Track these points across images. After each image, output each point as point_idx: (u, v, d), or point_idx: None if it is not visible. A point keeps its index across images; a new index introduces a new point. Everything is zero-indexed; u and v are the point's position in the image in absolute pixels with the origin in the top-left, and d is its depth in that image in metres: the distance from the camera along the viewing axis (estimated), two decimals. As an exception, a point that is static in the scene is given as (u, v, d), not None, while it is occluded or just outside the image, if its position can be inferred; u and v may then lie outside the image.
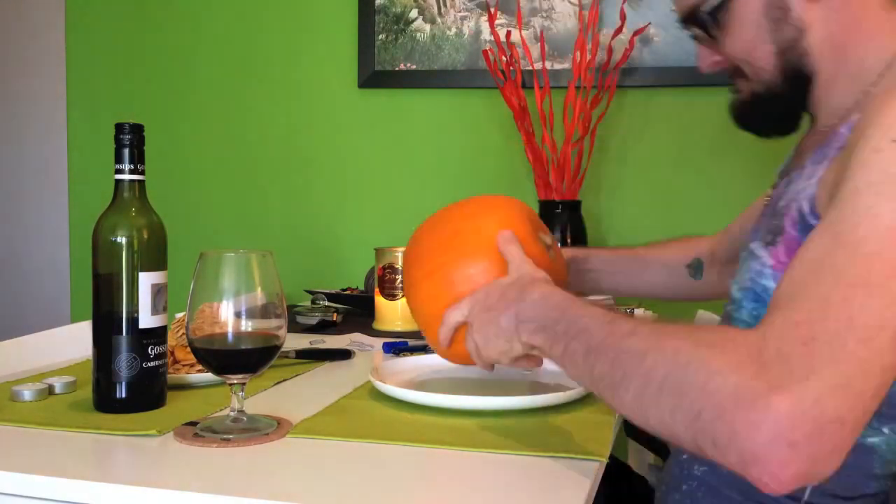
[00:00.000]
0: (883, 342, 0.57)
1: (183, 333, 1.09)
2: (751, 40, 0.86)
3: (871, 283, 0.59)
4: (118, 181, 0.90)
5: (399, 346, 1.29)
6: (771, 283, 0.81)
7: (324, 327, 1.50)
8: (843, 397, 0.55)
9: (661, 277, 1.21)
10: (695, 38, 0.92)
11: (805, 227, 0.77)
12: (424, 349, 1.23)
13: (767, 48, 0.86)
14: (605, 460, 0.76)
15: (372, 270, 1.65)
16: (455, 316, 0.87)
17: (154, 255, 0.90)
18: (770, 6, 0.84)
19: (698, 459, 0.89)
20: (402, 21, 1.97)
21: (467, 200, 1.00)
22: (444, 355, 0.96)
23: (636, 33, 1.78)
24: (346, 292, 1.76)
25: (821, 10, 0.82)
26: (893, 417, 0.78)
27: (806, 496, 0.81)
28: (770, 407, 0.54)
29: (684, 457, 0.92)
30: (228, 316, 0.81)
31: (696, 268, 1.19)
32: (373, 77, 1.99)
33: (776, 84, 0.87)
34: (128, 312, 0.89)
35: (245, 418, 0.84)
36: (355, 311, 1.67)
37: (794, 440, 0.54)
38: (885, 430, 0.79)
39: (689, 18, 0.90)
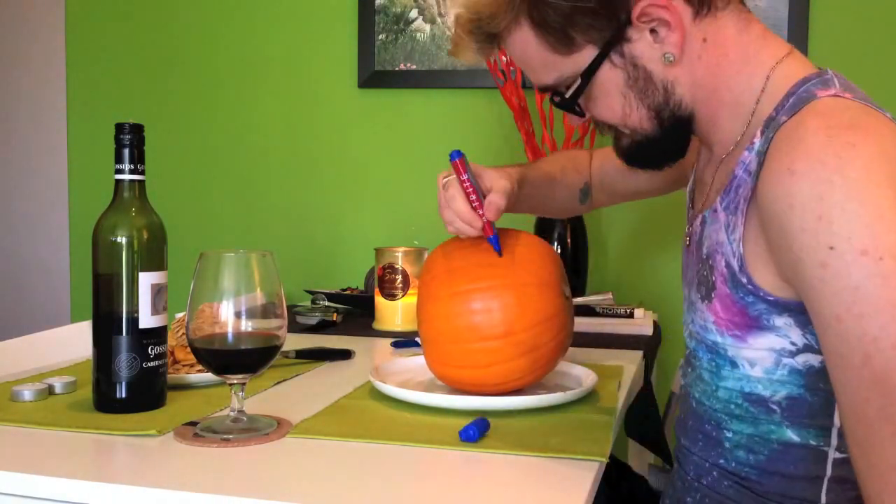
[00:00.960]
0: None
1: (183, 333, 1.09)
2: (620, 110, 0.86)
3: None
4: (118, 181, 0.90)
5: (408, 343, 1.30)
6: (718, 338, 0.84)
7: (324, 327, 1.50)
8: None
9: (563, 199, 1.23)
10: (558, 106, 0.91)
11: (735, 284, 0.79)
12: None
13: (641, 113, 0.85)
14: (605, 460, 0.76)
15: (372, 270, 1.65)
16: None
17: (154, 255, 0.90)
18: (631, 78, 0.83)
19: (703, 472, 0.89)
20: (402, 21, 1.97)
21: (515, 234, 1.01)
22: (439, 375, 0.98)
23: (636, 33, 1.78)
24: (346, 292, 1.76)
25: (682, 66, 0.82)
26: None
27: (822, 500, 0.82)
28: None
29: (690, 473, 0.92)
30: (228, 316, 0.81)
31: (585, 193, 1.24)
32: (373, 77, 1.99)
33: (656, 133, 0.87)
34: (128, 312, 0.89)
35: (245, 418, 0.84)
36: (355, 311, 1.67)
37: None
38: None
39: (551, 98, 0.90)
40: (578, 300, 1.53)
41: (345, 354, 1.22)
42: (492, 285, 0.93)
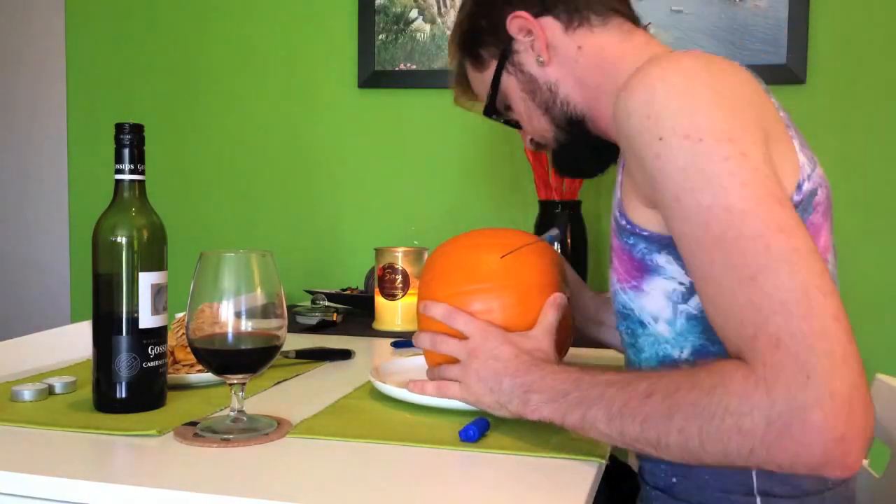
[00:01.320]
0: (817, 299, 0.64)
1: (183, 333, 1.09)
2: (525, 113, 1.02)
3: (762, 265, 0.66)
4: (118, 181, 0.90)
5: (408, 343, 1.30)
6: (623, 298, 0.89)
7: (324, 327, 1.50)
8: (839, 368, 0.62)
9: None
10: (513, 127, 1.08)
11: (620, 230, 0.86)
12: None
13: (538, 113, 1.01)
14: (604, 461, 0.77)
15: (372, 270, 1.65)
16: (451, 347, 0.91)
17: (154, 255, 0.90)
18: (521, 82, 1.00)
19: (653, 474, 0.92)
20: (402, 21, 1.97)
21: (515, 234, 1.00)
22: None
23: (636, 33, 1.78)
24: (346, 292, 1.76)
25: (557, 68, 0.97)
26: None
27: (755, 484, 0.84)
28: (806, 425, 0.61)
29: (645, 474, 0.94)
30: (228, 316, 0.81)
31: None
32: (373, 77, 1.99)
33: (558, 135, 1.01)
34: (128, 312, 0.89)
35: (245, 418, 0.84)
36: (355, 311, 1.67)
37: (842, 433, 0.61)
38: None
39: (490, 115, 1.07)
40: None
41: (345, 354, 1.22)
42: (493, 286, 0.93)
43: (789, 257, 0.66)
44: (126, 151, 0.90)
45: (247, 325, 0.82)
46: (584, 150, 1.02)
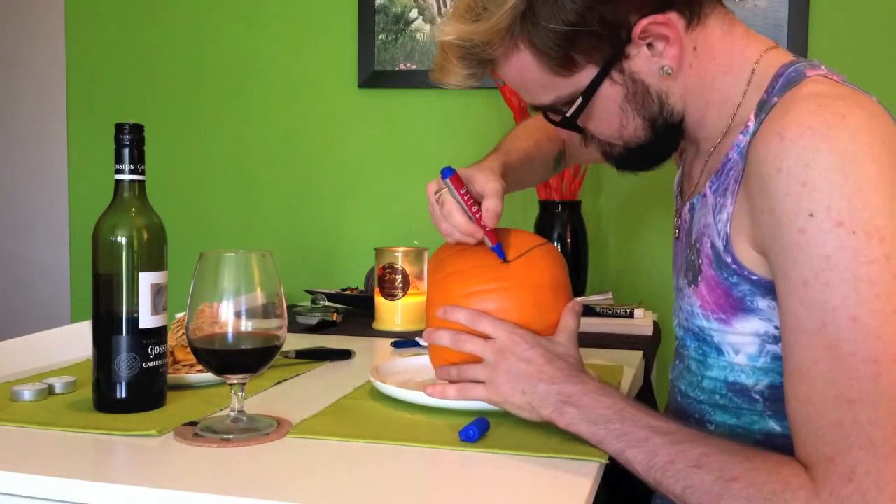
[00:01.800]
0: None
1: (183, 333, 1.09)
2: (619, 124, 0.87)
3: (865, 394, 0.64)
4: (118, 181, 0.90)
5: (408, 343, 1.30)
6: (704, 323, 0.86)
7: (324, 327, 1.50)
8: None
9: (539, 171, 1.23)
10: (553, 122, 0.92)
11: (720, 264, 0.82)
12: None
13: (637, 124, 0.87)
14: (604, 461, 0.77)
15: (372, 270, 1.65)
16: (476, 346, 0.89)
17: (154, 255, 0.90)
18: (630, 92, 0.84)
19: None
20: (402, 21, 1.97)
21: (523, 235, 0.99)
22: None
23: (636, 33, 1.78)
24: (346, 292, 1.76)
25: (677, 77, 0.85)
26: None
27: None
28: None
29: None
30: (228, 316, 0.81)
31: (558, 161, 1.24)
32: (373, 77, 1.99)
33: (649, 139, 0.88)
34: (128, 312, 0.89)
35: (245, 418, 0.84)
36: (355, 311, 1.67)
37: None
38: None
39: (548, 115, 0.91)
40: (578, 300, 1.53)
41: (345, 354, 1.22)
42: (509, 286, 0.92)
43: (894, 392, 0.64)
44: (126, 151, 0.90)
45: (247, 325, 0.82)
46: (660, 150, 0.93)
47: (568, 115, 0.87)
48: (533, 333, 0.89)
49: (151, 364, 0.90)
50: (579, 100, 0.85)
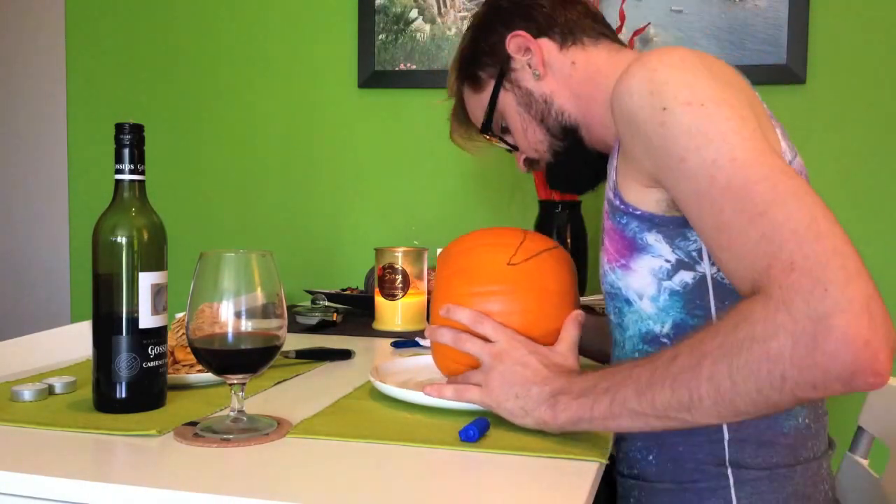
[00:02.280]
0: (825, 225, 0.66)
1: (183, 333, 1.09)
2: (521, 128, 1.09)
3: (771, 200, 0.69)
4: (118, 181, 0.90)
5: (408, 343, 1.30)
6: (612, 277, 0.93)
7: (324, 327, 1.50)
8: (854, 279, 0.63)
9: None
10: (507, 149, 1.16)
11: (613, 211, 0.91)
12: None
13: (533, 125, 1.08)
14: (605, 460, 0.77)
15: (372, 270, 1.65)
16: (475, 347, 0.90)
17: (154, 255, 0.90)
18: (518, 97, 1.08)
19: (628, 464, 0.95)
20: (402, 21, 1.97)
21: (536, 236, 0.99)
22: (449, 374, 0.97)
23: (636, 33, 1.78)
24: (346, 292, 1.76)
25: (552, 81, 1.06)
26: None
27: (726, 455, 0.87)
28: (830, 333, 0.62)
29: (620, 464, 0.96)
30: (228, 316, 0.81)
31: None
32: (373, 77, 1.99)
33: (554, 145, 1.08)
34: (128, 312, 0.89)
35: (245, 418, 0.84)
36: (355, 311, 1.67)
37: (866, 339, 0.61)
38: None
39: (485, 135, 1.14)
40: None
41: (345, 354, 1.22)
42: (513, 288, 0.92)
43: (795, 192, 0.68)
44: (126, 151, 0.90)
45: (247, 325, 0.82)
46: (577, 162, 1.08)
47: (484, 121, 1.12)
48: (531, 341, 0.89)
49: (151, 364, 0.90)
50: (487, 107, 1.11)
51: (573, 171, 1.11)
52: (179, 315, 1.18)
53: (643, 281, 0.89)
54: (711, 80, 0.78)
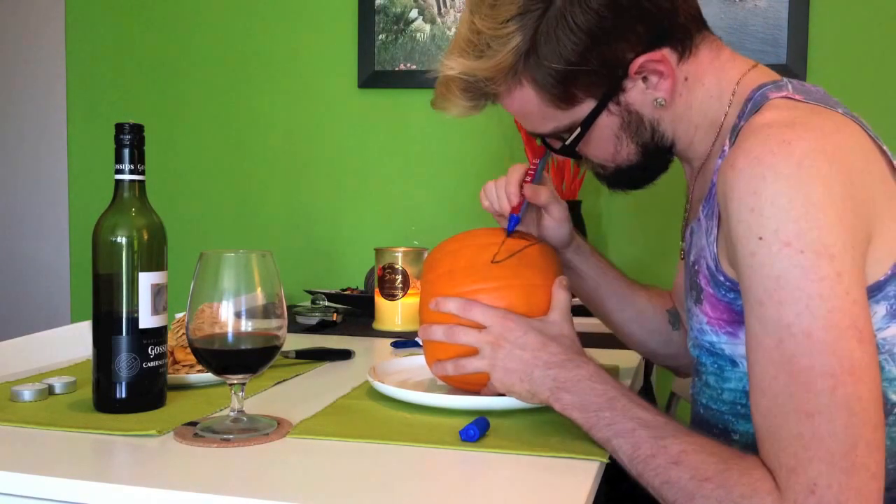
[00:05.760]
0: (862, 457, 0.65)
1: (183, 333, 1.09)
2: (612, 149, 0.92)
3: (823, 407, 0.66)
4: (118, 181, 0.90)
5: (408, 344, 1.30)
6: (713, 338, 0.87)
7: (324, 327, 1.50)
8: None
9: (648, 313, 1.14)
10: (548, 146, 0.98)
11: (716, 283, 0.84)
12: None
13: (630, 149, 0.91)
14: (605, 460, 0.77)
15: (372, 270, 1.65)
16: (470, 338, 0.89)
17: (154, 255, 0.90)
18: (625, 122, 0.89)
19: None
20: (402, 21, 1.97)
21: (520, 236, 0.99)
22: (440, 375, 0.96)
23: (636, 33, 1.78)
24: (346, 292, 1.76)
25: (668, 107, 0.88)
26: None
27: None
28: None
29: None
30: (228, 316, 0.81)
31: (674, 316, 1.16)
32: (373, 77, 1.99)
33: (640, 162, 0.93)
34: (128, 312, 0.89)
35: (245, 418, 0.84)
36: (355, 311, 1.67)
37: None
38: None
39: (546, 144, 0.97)
40: (578, 300, 1.53)
41: (345, 354, 1.22)
42: (499, 286, 0.92)
43: (851, 405, 0.65)
44: (126, 151, 0.90)
45: (247, 325, 0.82)
46: (651, 172, 0.97)
47: (567, 143, 0.91)
48: (523, 317, 0.89)
49: (151, 364, 0.90)
50: (578, 129, 0.89)
51: (643, 177, 0.97)
52: (179, 315, 1.18)
53: None
54: (823, 211, 0.69)
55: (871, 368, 0.67)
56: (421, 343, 1.31)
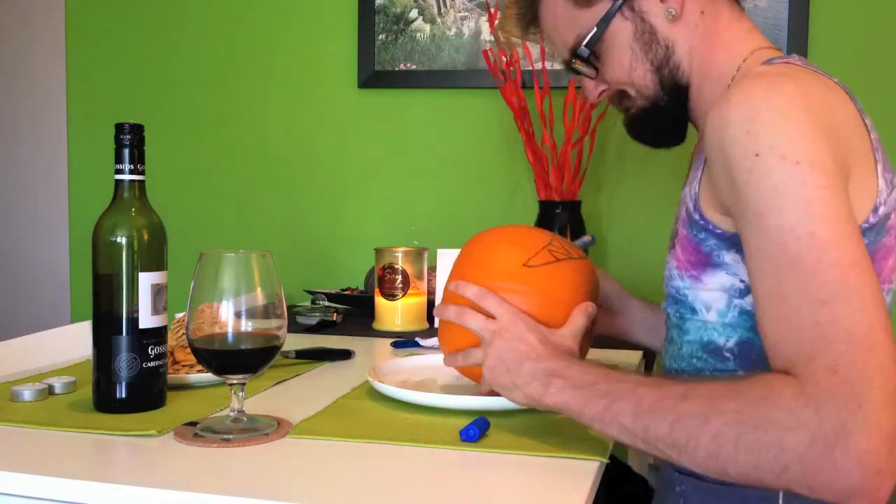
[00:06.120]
0: (880, 337, 0.65)
1: (183, 333, 1.09)
2: (628, 64, 0.96)
3: (836, 293, 0.67)
4: (118, 181, 0.90)
5: (408, 344, 1.30)
6: (679, 283, 0.91)
7: (324, 327, 1.50)
8: (891, 404, 0.62)
9: None
10: (579, 73, 1.01)
11: (691, 223, 0.88)
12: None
13: (645, 68, 0.96)
14: (605, 460, 0.77)
15: (372, 270, 1.65)
16: (476, 323, 0.89)
17: (154, 255, 0.90)
18: (638, 31, 0.94)
19: None
20: (402, 21, 1.97)
21: (565, 243, 0.98)
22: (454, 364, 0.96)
23: (636, 33, 1.78)
24: (346, 292, 1.76)
25: (681, 28, 0.94)
26: None
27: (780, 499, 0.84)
28: (850, 450, 0.61)
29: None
30: (228, 316, 0.81)
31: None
32: (373, 77, 1.99)
33: (659, 97, 0.97)
34: (128, 312, 0.89)
35: (245, 418, 0.84)
36: (355, 311, 1.67)
37: (880, 467, 0.61)
38: None
39: (572, 57, 0.99)
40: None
41: (345, 354, 1.22)
42: (524, 290, 0.91)
43: (862, 292, 0.66)
44: (126, 151, 0.90)
45: (247, 325, 0.82)
46: (671, 120, 0.99)
47: (584, 44, 0.95)
48: (533, 320, 0.88)
49: (151, 364, 0.90)
50: (594, 30, 0.95)
51: (665, 127, 1.01)
52: (179, 315, 1.18)
53: (713, 295, 0.88)
54: (813, 135, 0.73)
55: (872, 267, 0.69)
56: (421, 343, 1.31)
